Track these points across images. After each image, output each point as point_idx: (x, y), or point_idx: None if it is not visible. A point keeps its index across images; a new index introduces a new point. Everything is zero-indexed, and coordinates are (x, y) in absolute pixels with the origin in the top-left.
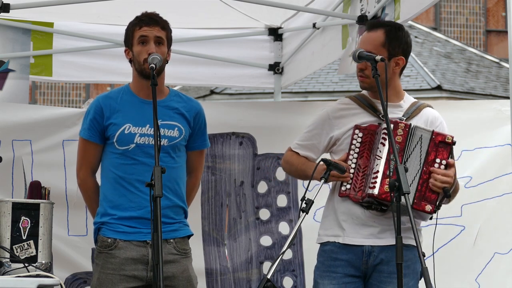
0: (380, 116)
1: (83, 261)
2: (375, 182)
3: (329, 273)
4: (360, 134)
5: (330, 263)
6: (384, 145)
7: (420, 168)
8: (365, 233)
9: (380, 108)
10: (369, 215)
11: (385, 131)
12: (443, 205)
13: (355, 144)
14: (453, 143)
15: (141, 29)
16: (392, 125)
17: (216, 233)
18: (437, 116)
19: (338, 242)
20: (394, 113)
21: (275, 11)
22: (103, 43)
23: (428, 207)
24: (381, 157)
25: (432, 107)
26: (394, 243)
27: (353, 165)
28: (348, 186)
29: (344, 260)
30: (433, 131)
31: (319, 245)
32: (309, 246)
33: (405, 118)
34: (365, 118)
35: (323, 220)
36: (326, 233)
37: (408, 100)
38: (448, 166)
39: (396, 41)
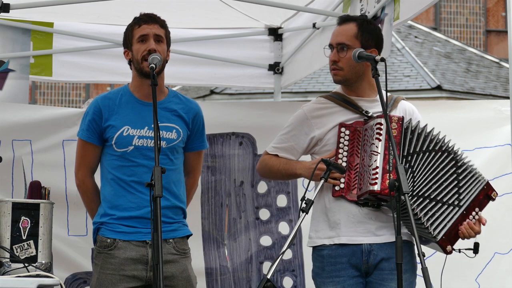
0: (363, 112)
1: (83, 261)
2: (376, 178)
3: (332, 278)
4: (347, 132)
5: (331, 268)
6: (380, 140)
7: (464, 208)
8: (362, 230)
9: (360, 104)
10: (366, 212)
11: (378, 126)
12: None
13: (343, 143)
14: (493, 200)
15: (140, 27)
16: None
17: (216, 233)
18: (413, 108)
19: (335, 244)
20: (373, 108)
21: (275, 11)
22: (103, 43)
23: (449, 248)
24: (379, 153)
25: (405, 100)
26: (392, 240)
27: (344, 164)
28: (342, 186)
29: (345, 263)
30: (487, 181)
31: (312, 248)
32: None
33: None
34: (347, 116)
35: (313, 222)
36: (319, 236)
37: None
38: (480, 221)
39: (368, 34)
